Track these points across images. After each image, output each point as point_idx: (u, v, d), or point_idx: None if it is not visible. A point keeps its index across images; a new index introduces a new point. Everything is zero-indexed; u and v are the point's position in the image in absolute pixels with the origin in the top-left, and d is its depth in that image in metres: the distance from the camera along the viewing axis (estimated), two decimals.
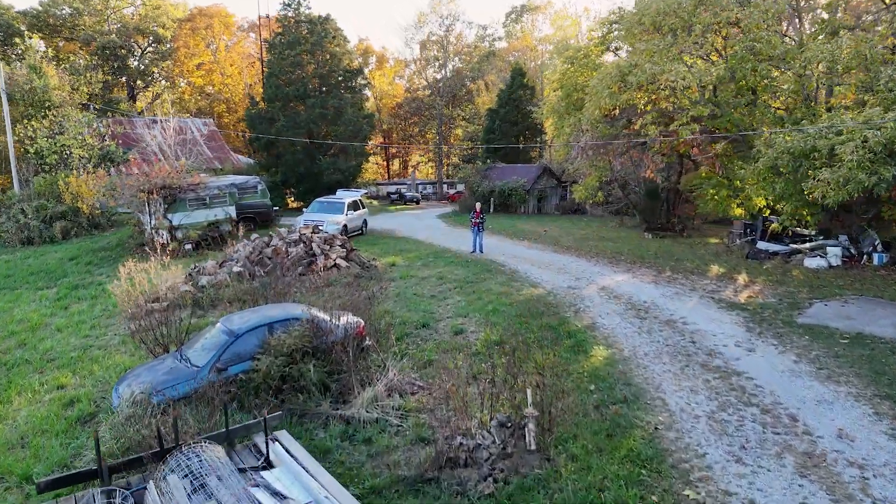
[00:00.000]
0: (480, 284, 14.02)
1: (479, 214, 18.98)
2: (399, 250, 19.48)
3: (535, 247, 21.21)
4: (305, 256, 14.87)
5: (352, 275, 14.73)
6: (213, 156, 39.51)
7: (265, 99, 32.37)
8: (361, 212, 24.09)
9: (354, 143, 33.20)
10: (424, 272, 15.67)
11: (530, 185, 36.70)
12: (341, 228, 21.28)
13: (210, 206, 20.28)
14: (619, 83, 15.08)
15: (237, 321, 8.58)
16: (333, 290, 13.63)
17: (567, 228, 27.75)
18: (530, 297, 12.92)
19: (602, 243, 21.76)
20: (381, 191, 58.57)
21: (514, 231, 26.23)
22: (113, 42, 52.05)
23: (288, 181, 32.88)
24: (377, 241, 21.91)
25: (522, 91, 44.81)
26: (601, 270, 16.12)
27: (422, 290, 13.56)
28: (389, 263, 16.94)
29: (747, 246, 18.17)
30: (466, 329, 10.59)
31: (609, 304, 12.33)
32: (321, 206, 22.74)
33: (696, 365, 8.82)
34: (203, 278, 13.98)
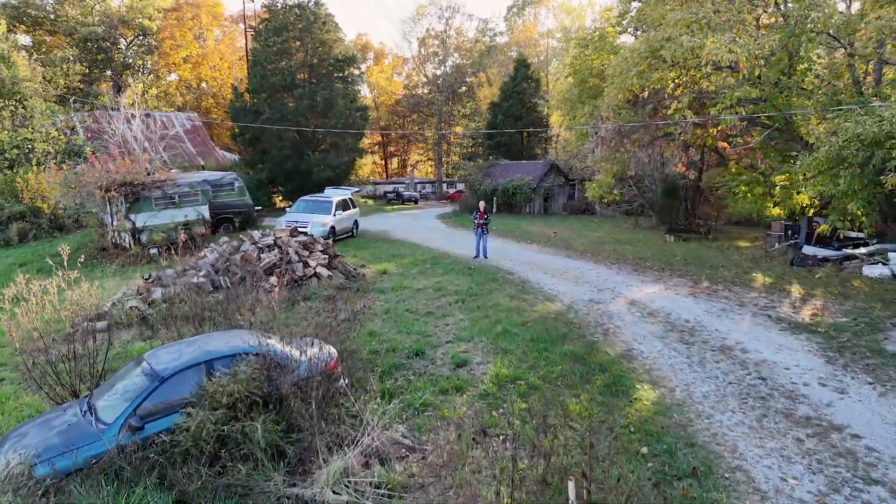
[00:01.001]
0: (486, 298, 11.95)
1: (482, 215, 16.94)
2: (392, 255, 17.42)
3: (544, 251, 19.15)
4: (280, 264, 12.80)
5: (334, 286, 12.68)
6: (196, 152, 37.51)
7: (249, 90, 30.32)
8: (352, 212, 22.03)
9: (346, 138, 31.14)
10: (420, 282, 13.61)
11: (536, 184, 34.67)
12: (328, 230, 19.24)
13: (180, 205, 18.23)
14: (650, 60, 13.06)
15: (165, 358, 6.51)
16: (311, 305, 11.59)
17: (578, 230, 25.70)
18: (547, 314, 10.85)
19: (620, 247, 19.70)
20: (378, 190, 56.83)
21: (519, 233, 24.18)
22: (95, 34, 50.00)
23: (275, 179, 30.81)
24: (369, 245, 19.85)
25: (527, 83, 42.75)
26: (626, 280, 14.05)
27: (416, 306, 11.49)
28: (380, 271, 14.88)
29: (790, 251, 16.11)
30: (471, 359, 8.51)
31: (644, 324, 10.25)
32: (307, 205, 20.70)
33: (777, 414, 6.74)
34: (157, 291, 11.92)
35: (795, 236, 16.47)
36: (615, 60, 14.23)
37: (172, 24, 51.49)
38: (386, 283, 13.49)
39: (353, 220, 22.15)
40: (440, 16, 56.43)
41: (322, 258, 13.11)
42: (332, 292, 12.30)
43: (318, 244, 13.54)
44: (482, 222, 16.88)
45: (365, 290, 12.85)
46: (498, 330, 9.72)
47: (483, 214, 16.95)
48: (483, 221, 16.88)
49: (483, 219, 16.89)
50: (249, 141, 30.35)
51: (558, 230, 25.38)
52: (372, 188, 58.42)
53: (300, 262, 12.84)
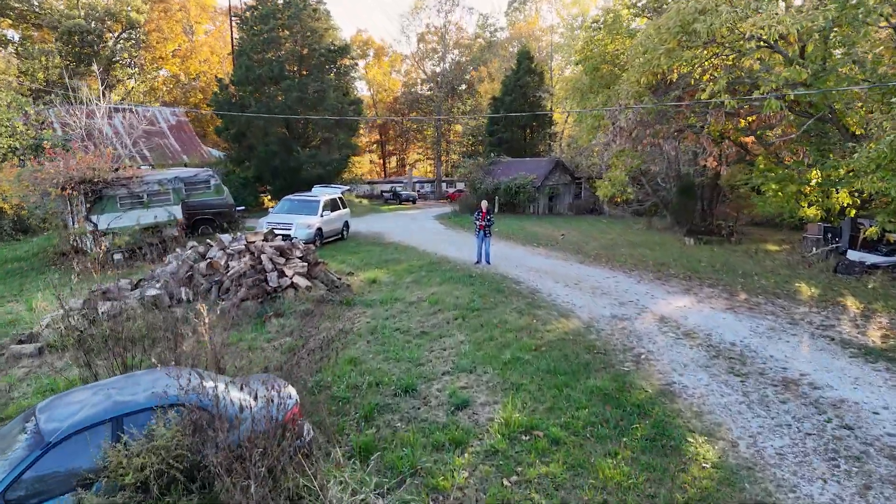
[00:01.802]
0: (490, 313, 10.31)
1: (485, 216, 15.31)
2: (384, 261, 15.78)
3: (553, 255, 17.51)
4: (252, 273, 11.15)
5: (313, 299, 11.02)
6: (180, 148, 35.88)
7: (234, 81, 28.65)
8: (341, 212, 20.39)
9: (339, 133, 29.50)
10: (415, 293, 11.96)
11: (540, 182, 33.03)
12: (314, 232, 17.62)
13: (148, 205, 16.59)
14: (680, 36, 11.40)
15: (60, 412, 4.87)
16: (284, 323, 9.96)
17: (587, 231, 24.06)
18: (563, 334, 9.20)
19: (636, 251, 18.05)
20: (375, 189, 55.47)
21: (524, 235, 22.54)
22: (80, 26, 48.39)
23: (262, 177, 29.15)
24: (359, 249, 18.20)
25: (530, 77, 41.11)
26: (650, 290, 12.40)
27: (408, 324, 9.84)
28: (369, 280, 13.23)
29: (832, 256, 14.46)
30: (473, 398, 6.86)
31: (682, 348, 8.60)
32: (291, 205, 19.06)
33: (885, 485, 5.09)
34: (105, 305, 10.26)
35: (836, 240, 14.83)
36: (638, 38, 12.56)
37: (159, 15, 49.84)
38: (374, 295, 11.84)
39: (344, 221, 20.52)
40: (439, 9, 54.85)
41: (300, 266, 11.46)
42: (310, 306, 10.65)
43: (297, 250, 11.87)
44: (485, 224, 15.26)
45: (350, 303, 11.20)
46: (506, 357, 8.07)
47: (486, 215, 15.33)
48: (486, 223, 15.26)
49: (486, 220, 15.27)
50: (235, 136, 28.71)
51: (566, 232, 23.74)
52: (369, 187, 57.10)
53: (274, 271, 11.19)
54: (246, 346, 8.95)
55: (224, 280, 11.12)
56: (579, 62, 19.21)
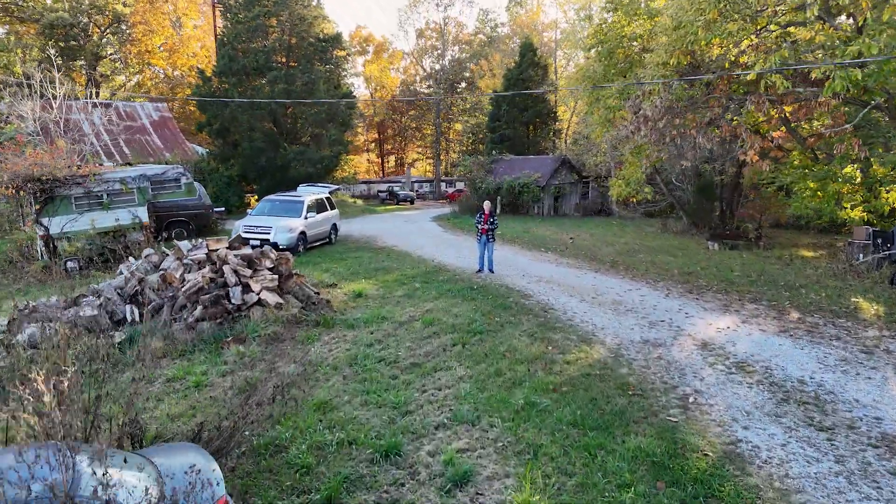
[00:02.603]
0: (496, 337, 8.64)
1: (487, 218, 13.67)
2: (374, 270, 14.10)
3: (564, 262, 15.85)
4: (212, 287, 9.47)
5: (285, 318, 9.34)
6: (162, 145, 34.22)
7: (216, 73, 26.98)
8: (329, 214, 18.72)
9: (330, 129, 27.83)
10: (406, 310, 10.29)
11: (545, 181, 31.38)
12: (297, 237, 15.95)
13: (109, 206, 14.91)
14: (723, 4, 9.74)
15: None
16: (245, 351, 8.28)
17: (599, 235, 22.40)
18: (587, 366, 7.52)
19: (657, 257, 16.39)
20: (372, 189, 54.14)
21: (530, 238, 20.89)
22: (62, 19, 46.75)
23: (247, 175, 27.47)
24: (347, 255, 16.53)
25: (533, 70, 39.46)
26: (682, 306, 10.72)
27: (396, 352, 8.16)
28: (354, 293, 11.55)
29: (887, 265, 12.78)
30: (477, 470, 5.18)
31: (737, 386, 6.92)
32: (272, 206, 17.39)
33: None
34: (29, 329, 8.58)
35: (888, 245, 13.16)
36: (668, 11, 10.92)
37: (145, 7, 48.16)
38: (359, 313, 10.16)
39: (332, 223, 18.85)
40: (438, 3, 53.30)
41: (270, 279, 9.77)
42: (279, 328, 8.97)
43: (267, 259, 10.18)
44: (488, 227, 13.60)
45: (328, 323, 9.52)
46: (518, 401, 6.39)
47: (489, 217, 13.68)
48: (489, 226, 13.60)
49: (489, 223, 13.61)
50: (218, 132, 27.04)
51: (575, 235, 22.09)
52: (365, 187, 55.79)
53: (238, 286, 9.51)
54: (194, 381, 7.27)
55: (179, 296, 9.44)
56: (591, 47, 17.56)
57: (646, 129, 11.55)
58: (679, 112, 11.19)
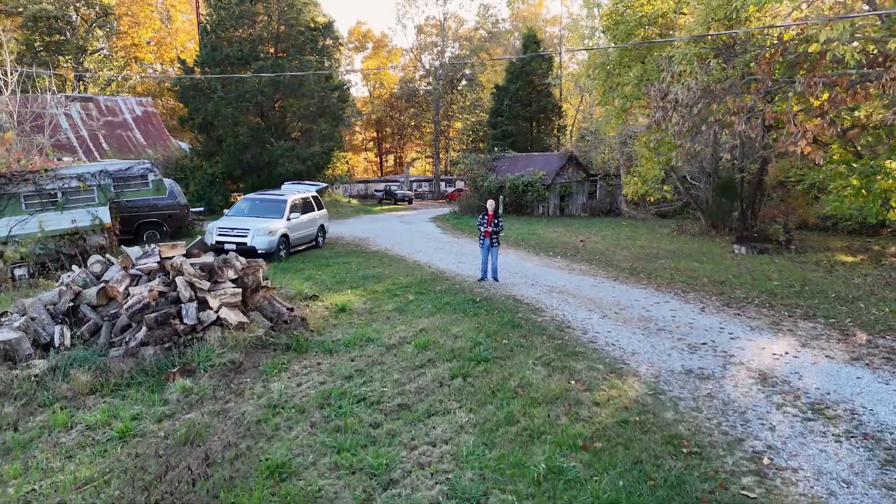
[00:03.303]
0: (505, 367, 7.10)
1: (491, 219, 12.15)
2: (363, 278, 12.56)
3: (577, 268, 14.31)
4: (161, 304, 7.92)
5: (248, 342, 7.79)
6: (144, 141, 32.68)
7: (199, 63, 25.44)
8: (315, 215, 17.18)
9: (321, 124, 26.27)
10: (396, 328, 8.75)
11: (551, 179, 29.84)
12: (277, 240, 14.42)
13: (64, 206, 13.37)
14: None
15: None
16: (193, 386, 6.74)
17: (611, 237, 20.86)
18: (623, 409, 5.98)
19: (680, 263, 14.86)
20: (370, 189, 52.96)
21: (536, 241, 19.36)
22: (46, 11, 45.24)
23: (233, 173, 25.91)
24: (335, 260, 14.99)
25: (537, 63, 37.88)
26: (724, 324, 9.18)
27: (380, 387, 6.61)
28: (337, 308, 10.01)
29: None
30: None
31: (821, 439, 5.39)
32: (252, 205, 15.87)
33: None
34: None
35: None
36: None
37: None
38: (340, 333, 8.62)
39: (319, 225, 17.31)
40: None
41: (232, 293, 8.21)
42: (238, 355, 7.42)
43: (230, 269, 8.62)
44: (492, 230, 12.07)
45: (301, 347, 7.97)
46: (538, 464, 4.84)
47: (493, 218, 12.15)
48: (493, 228, 12.07)
49: (493, 224, 12.08)
50: (200, 126, 25.49)
51: (585, 237, 20.55)
52: (363, 187, 54.64)
53: (193, 302, 7.95)
54: (119, 429, 5.72)
55: (122, 314, 7.90)
56: (606, 29, 16.02)
57: (677, 115, 10.04)
58: (717, 95, 9.70)
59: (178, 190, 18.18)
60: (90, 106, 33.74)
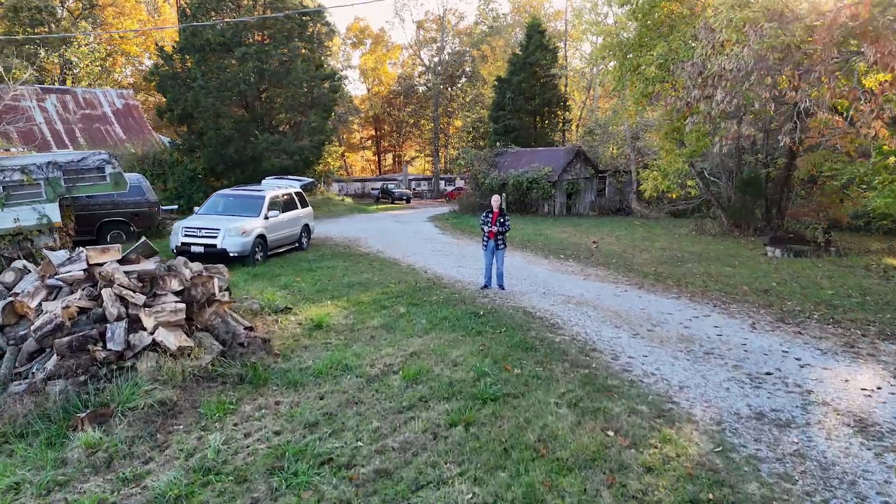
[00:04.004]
0: (519, 409, 5.49)
1: (497, 217, 10.56)
2: (348, 286, 10.94)
3: (593, 273, 12.70)
4: (80, 324, 6.30)
5: (190, 372, 6.17)
6: (124, 135, 31.04)
7: (178, 49, 23.82)
8: (299, 213, 15.57)
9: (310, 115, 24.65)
10: (382, 352, 7.14)
11: (557, 176, 28.23)
12: (253, 242, 12.83)
13: (5, 202, 11.74)
14: None
15: None
16: (104, 439, 5.11)
17: (625, 238, 19.25)
18: (686, 478, 4.37)
19: (710, 267, 13.25)
20: (367, 188, 51.79)
21: (544, 242, 17.76)
22: (26, 2, 43.67)
23: (215, 168, 24.28)
24: (318, 264, 13.37)
25: (542, 53, 36.25)
26: (787, 346, 7.55)
27: (353, 442, 4.99)
28: (312, 324, 8.38)
29: None
30: None
31: None
32: (226, 202, 14.30)
33: None
34: None
35: None
36: None
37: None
38: (310, 359, 6.98)
39: (302, 224, 15.70)
40: None
41: (173, 309, 6.57)
42: (172, 393, 5.79)
43: (175, 279, 6.98)
44: (497, 229, 10.46)
45: (259, 378, 6.34)
46: None
47: (498, 216, 10.55)
48: (500, 228, 10.47)
49: (499, 223, 10.48)
50: (180, 118, 23.86)
51: (598, 238, 18.94)
52: (360, 185, 53.50)
53: (123, 320, 6.33)
54: None
55: (30, 337, 6.28)
56: (624, 3, 14.38)
57: (722, 92, 8.44)
58: (773, 67, 8.11)
59: (148, 186, 16.55)
60: (67, 98, 32.16)
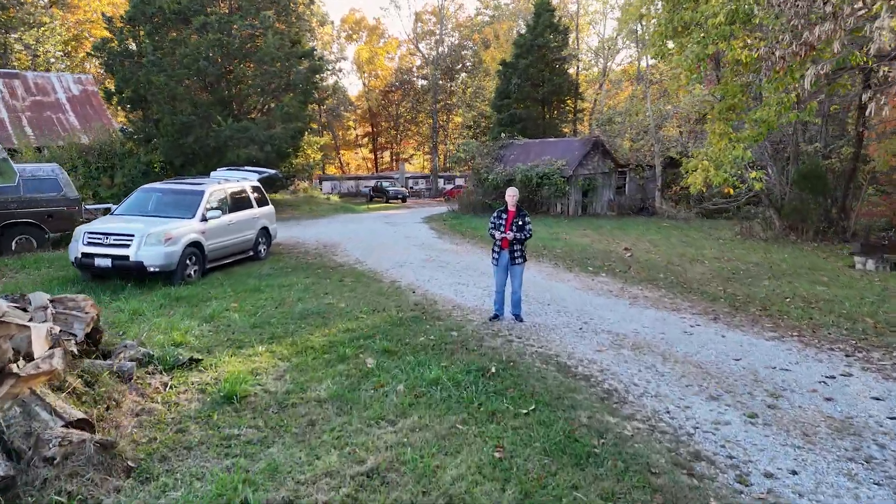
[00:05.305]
0: None
1: (513, 217, 7.50)
2: (300, 317, 7.82)
3: (638, 294, 9.60)
4: None
5: None
6: (79, 124, 27.96)
7: (126, 19, 20.74)
8: (253, 213, 12.50)
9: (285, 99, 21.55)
10: (321, 458, 4.03)
11: (572, 170, 25.14)
12: (180, 252, 9.78)
13: None
14: None
15: None
16: None
17: (662, 244, 16.17)
18: None
19: (796, 286, 10.15)
20: (361, 186, 49.37)
21: (564, 249, 14.66)
22: None
23: (173, 161, 21.17)
24: (271, 281, 10.24)
25: (552, 35, 33.15)
26: None
27: None
28: (219, 394, 5.22)
29: None
30: None
31: None
32: (156, 199, 11.24)
33: None
34: None
35: None
36: None
37: None
38: (187, 480, 3.86)
39: (260, 228, 12.62)
40: None
41: None
42: None
43: None
44: (515, 235, 7.40)
45: None
46: None
47: (515, 217, 7.48)
48: (518, 234, 7.41)
49: (516, 227, 7.42)
50: (132, 102, 20.77)
51: (628, 243, 15.87)
52: (353, 184, 51.11)
53: None
54: None
55: None
56: None
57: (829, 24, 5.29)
58: None
59: (66, 179, 13.48)
60: (15, 83, 29.15)
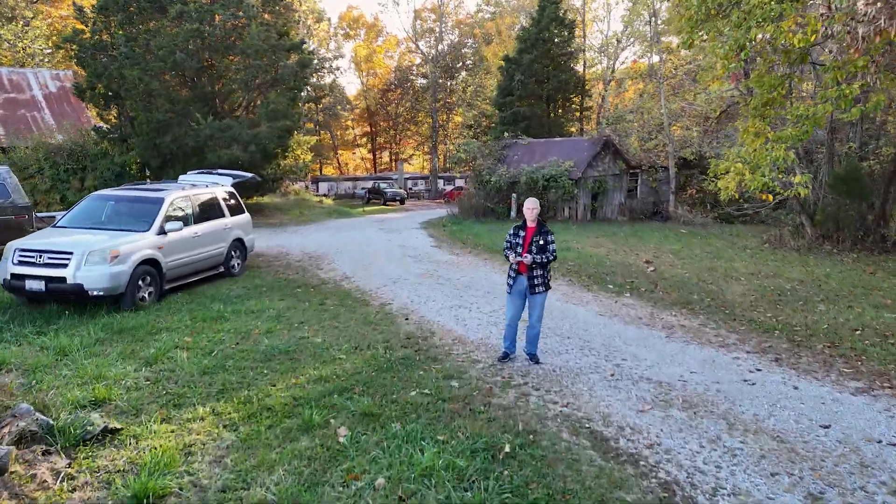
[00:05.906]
0: None
1: (532, 235, 6.00)
2: (261, 359, 6.32)
3: (675, 325, 8.11)
4: None
5: None
6: (55, 123, 26.49)
7: (97, 9, 19.27)
8: (225, 223, 11.00)
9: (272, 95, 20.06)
10: None
11: (581, 172, 23.65)
12: (130, 272, 8.26)
13: None
14: None
15: None
16: None
17: (686, 255, 14.67)
18: None
19: (862, 312, 8.66)
20: (359, 187, 48.11)
21: (577, 261, 13.15)
22: None
23: (150, 162, 19.67)
24: (239, 306, 8.73)
25: (558, 28, 31.68)
26: None
27: None
28: (127, 491, 3.72)
29: None
30: None
31: None
32: (110, 208, 9.74)
33: None
34: None
35: None
36: None
37: None
38: None
39: (232, 240, 11.12)
40: None
41: None
42: None
43: None
44: (536, 257, 5.92)
45: None
46: None
47: (535, 233, 6.01)
48: (539, 256, 5.94)
49: (536, 246, 5.95)
50: (105, 98, 19.30)
51: (647, 254, 14.39)
52: (350, 185, 49.82)
53: None
54: None
55: None
56: None
57: None
58: None
59: (15, 184, 12.00)
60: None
